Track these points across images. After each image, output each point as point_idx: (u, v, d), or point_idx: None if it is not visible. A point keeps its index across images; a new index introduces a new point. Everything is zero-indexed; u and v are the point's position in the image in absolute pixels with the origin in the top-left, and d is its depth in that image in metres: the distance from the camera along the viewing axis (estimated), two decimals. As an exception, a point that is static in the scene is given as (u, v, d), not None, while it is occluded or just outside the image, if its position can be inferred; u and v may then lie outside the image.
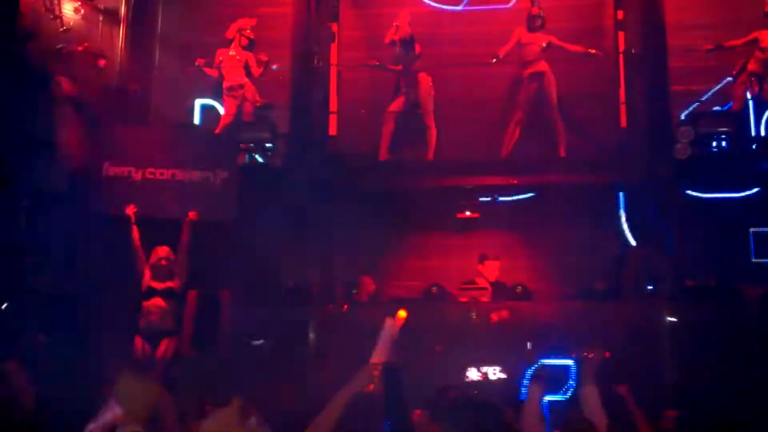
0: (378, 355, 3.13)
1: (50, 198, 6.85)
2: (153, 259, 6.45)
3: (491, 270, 7.32)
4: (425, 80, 8.41)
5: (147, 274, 6.43)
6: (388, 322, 3.32)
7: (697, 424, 4.49)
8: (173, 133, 7.66)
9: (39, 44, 7.02)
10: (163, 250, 6.47)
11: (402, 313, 3.83)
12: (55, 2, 7.33)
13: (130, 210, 6.61)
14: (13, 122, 6.54)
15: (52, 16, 7.29)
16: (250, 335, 6.37)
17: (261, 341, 6.10)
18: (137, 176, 7.06)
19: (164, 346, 6.39)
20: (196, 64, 8.26)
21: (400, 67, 8.40)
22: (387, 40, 8.37)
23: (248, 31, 8.35)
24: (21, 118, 6.67)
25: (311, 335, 6.60)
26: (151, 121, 8.46)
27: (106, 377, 5.70)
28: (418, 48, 8.36)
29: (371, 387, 2.94)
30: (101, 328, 6.86)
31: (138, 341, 6.40)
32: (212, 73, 8.37)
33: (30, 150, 6.72)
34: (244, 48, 8.35)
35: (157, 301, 6.36)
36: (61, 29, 7.38)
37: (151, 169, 7.09)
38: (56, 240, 6.86)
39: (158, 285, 6.40)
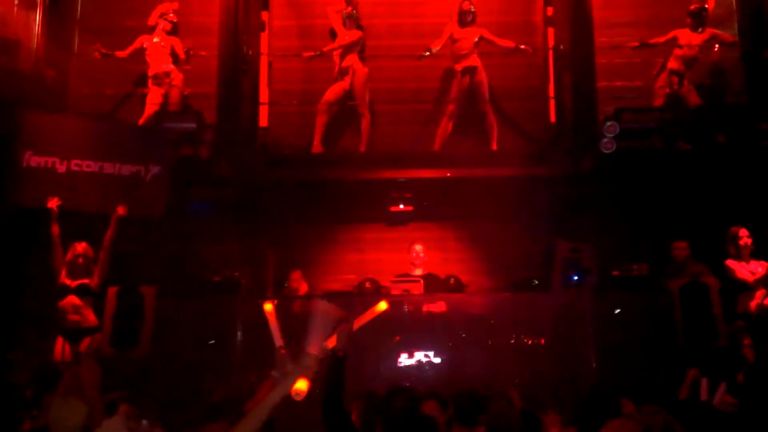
0: (314, 346, 2.78)
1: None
2: (70, 255, 6.17)
3: (418, 255, 7.34)
4: (362, 70, 8.34)
5: (63, 271, 6.14)
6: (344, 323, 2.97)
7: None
8: (103, 124, 7.26)
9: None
10: (80, 246, 6.20)
11: (383, 305, 3.69)
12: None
13: (53, 203, 6.27)
14: None
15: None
16: None
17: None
18: (62, 168, 6.65)
19: (86, 345, 6.16)
20: (96, 52, 7.97)
21: (339, 50, 8.29)
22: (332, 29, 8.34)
23: (171, 14, 8.07)
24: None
25: (239, 330, 6.44)
26: (69, 109, 8.04)
27: (28, 378, 5.45)
28: (358, 33, 8.30)
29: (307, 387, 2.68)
30: (19, 328, 6.54)
31: (59, 342, 6.13)
32: (121, 54, 8.06)
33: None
34: (168, 33, 8.06)
35: (72, 299, 6.11)
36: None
37: (77, 161, 6.72)
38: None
39: (72, 282, 6.13)
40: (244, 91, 8.20)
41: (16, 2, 7.78)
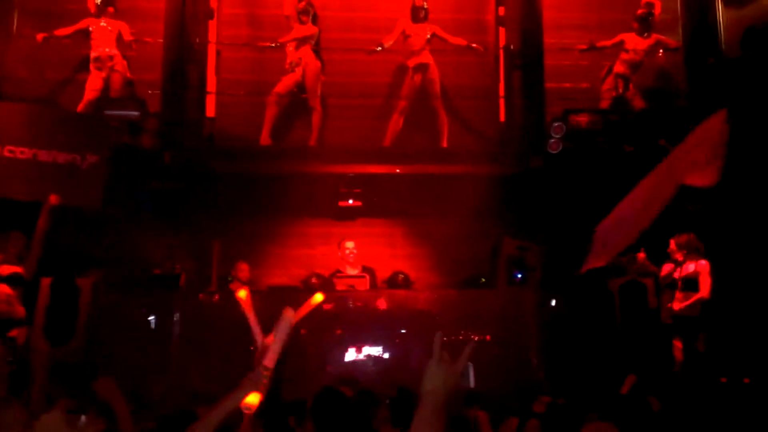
0: (271, 358, 2.56)
1: None
2: (11, 244, 5.91)
3: (351, 252, 7.30)
4: (314, 63, 8.25)
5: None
6: (287, 314, 2.66)
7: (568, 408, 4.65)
8: (39, 110, 6.93)
9: None
10: (12, 235, 5.92)
11: (319, 296, 3.55)
12: None
13: None
14: None
15: None
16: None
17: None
18: None
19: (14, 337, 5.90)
20: (39, 38, 7.69)
21: (293, 42, 8.16)
22: (286, 11, 8.15)
23: None
24: None
25: (179, 325, 6.28)
26: (5, 92, 7.70)
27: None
28: (314, 28, 8.20)
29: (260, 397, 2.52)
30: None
31: None
32: (62, 32, 7.77)
33: None
34: (113, 16, 7.79)
35: (3, 288, 5.83)
36: None
37: (11, 147, 6.40)
38: None
39: (3, 270, 5.86)
40: (191, 80, 8.00)
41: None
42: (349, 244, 7.32)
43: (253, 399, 2.46)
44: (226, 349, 6.20)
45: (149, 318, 6.53)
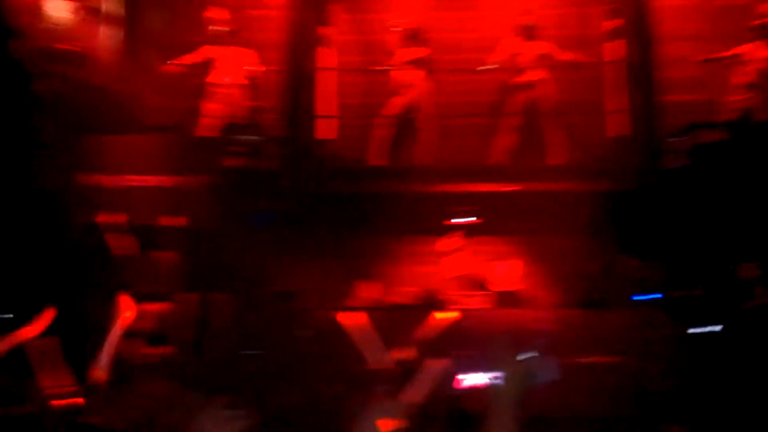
0: (416, 395, 2.69)
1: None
2: (151, 264, 6.39)
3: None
4: (424, 84, 8.44)
5: (145, 278, 6.35)
6: (434, 364, 2.77)
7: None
8: (150, 139, 7.51)
9: (28, 42, 6.82)
10: (158, 256, 6.40)
11: (449, 315, 3.62)
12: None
13: (121, 218, 6.51)
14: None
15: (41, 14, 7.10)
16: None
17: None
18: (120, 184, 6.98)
19: (158, 350, 6.31)
20: (168, 67, 8.19)
21: (403, 67, 8.38)
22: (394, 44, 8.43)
23: (218, 23, 8.21)
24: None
25: (304, 342, 6.51)
26: (136, 121, 8.28)
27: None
28: (424, 51, 8.37)
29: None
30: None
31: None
32: (188, 60, 8.23)
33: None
34: (237, 45, 8.24)
35: (159, 305, 6.28)
36: (51, 27, 7.19)
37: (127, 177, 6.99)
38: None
39: (159, 289, 6.32)
40: (307, 105, 8.32)
41: (85, 16, 8.03)
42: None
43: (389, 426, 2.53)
44: (346, 368, 6.37)
45: (271, 333, 6.79)
